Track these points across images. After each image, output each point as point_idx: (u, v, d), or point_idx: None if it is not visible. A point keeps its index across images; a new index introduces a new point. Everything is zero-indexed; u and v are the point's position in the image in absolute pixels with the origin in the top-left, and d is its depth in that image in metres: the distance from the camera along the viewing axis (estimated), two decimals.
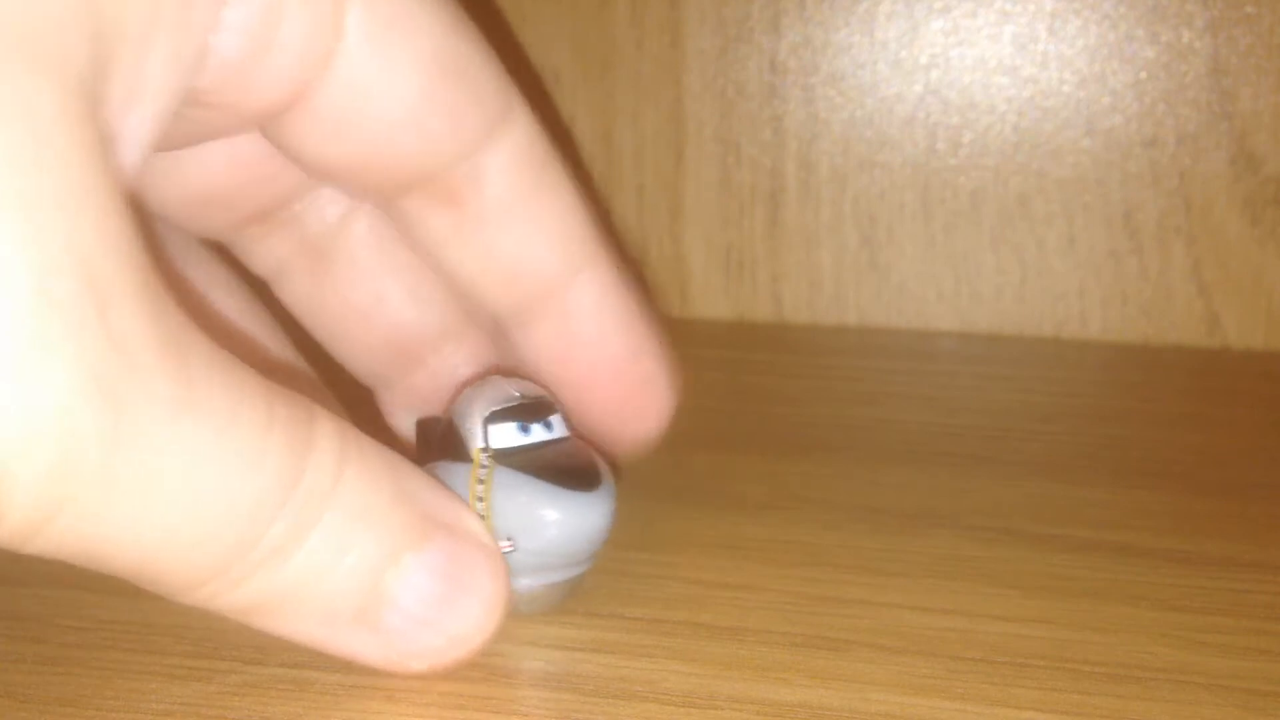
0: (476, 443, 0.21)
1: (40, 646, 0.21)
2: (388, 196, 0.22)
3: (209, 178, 0.22)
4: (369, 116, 0.20)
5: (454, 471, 0.21)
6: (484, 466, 0.21)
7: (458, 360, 0.25)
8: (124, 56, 0.16)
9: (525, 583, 0.21)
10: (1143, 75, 0.39)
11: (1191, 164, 0.39)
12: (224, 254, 0.24)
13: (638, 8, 0.41)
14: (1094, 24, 0.39)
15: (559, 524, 0.20)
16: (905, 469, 0.29)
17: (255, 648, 0.20)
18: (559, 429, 0.22)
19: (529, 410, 0.21)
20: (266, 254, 0.24)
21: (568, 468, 0.21)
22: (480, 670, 0.20)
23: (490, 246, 0.22)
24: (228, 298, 0.23)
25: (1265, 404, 0.35)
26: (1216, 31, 0.38)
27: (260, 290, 0.24)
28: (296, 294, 0.24)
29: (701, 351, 0.40)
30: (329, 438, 0.18)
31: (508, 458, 0.21)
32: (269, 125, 0.20)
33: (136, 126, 0.17)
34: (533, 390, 0.22)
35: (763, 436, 0.32)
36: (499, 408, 0.21)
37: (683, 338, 0.42)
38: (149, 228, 0.22)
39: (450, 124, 0.20)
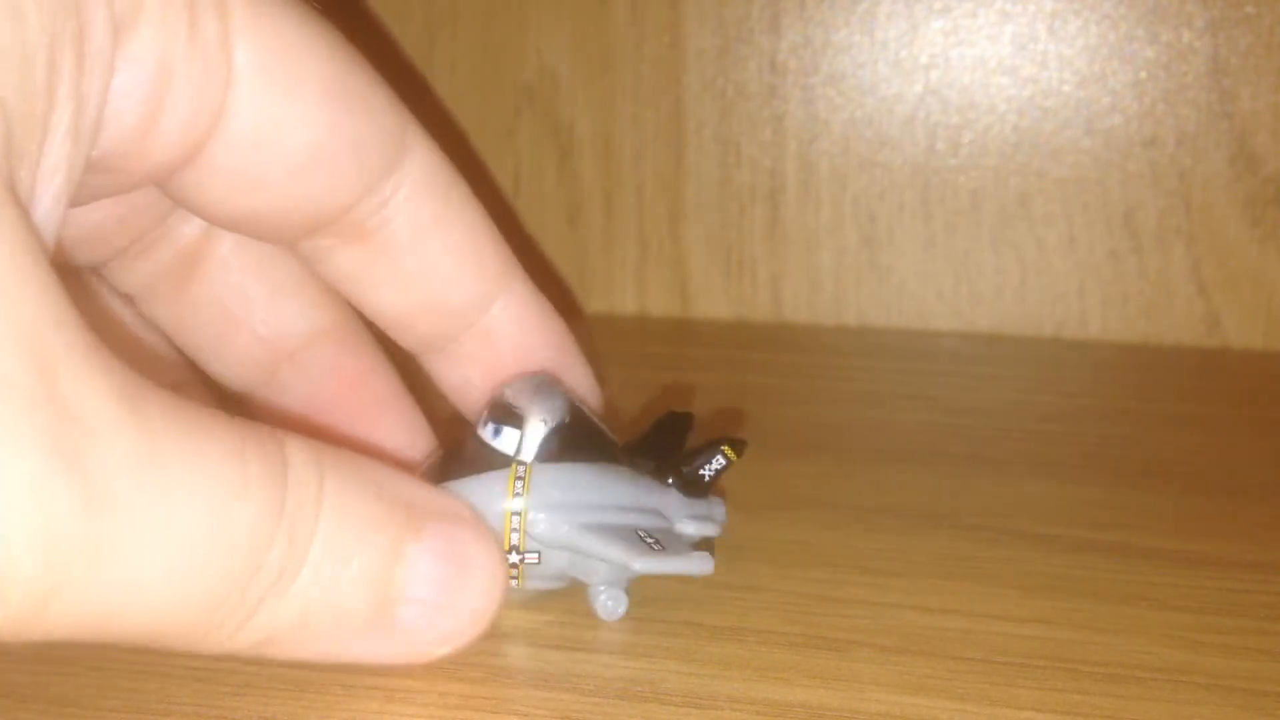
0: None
1: (40, 646, 0.21)
2: (296, 239, 0.21)
3: (94, 220, 0.22)
4: (269, 162, 0.19)
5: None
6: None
7: (331, 358, 0.24)
8: (31, 138, 0.16)
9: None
10: (1143, 75, 0.39)
11: (1191, 164, 0.39)
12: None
13: (638, 8, 0.41)
14: (1094, 24, 0.39)
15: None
16: (905, 469, 0.29)
17: None
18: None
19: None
20: (130, 276, 0.23)
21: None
22: (480, 670, 0.20)
23: (403, 278, 0.22)
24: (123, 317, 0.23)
25: (1265, 404, 0.35)
26: (1216, 31, 0.38)
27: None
28: (162, 310, 0.24)
29: (701, 351, 0.40)
30: (302, 453, 0.18)
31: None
32: (168, 182, 0.20)
33: (49, 203, 0.17)
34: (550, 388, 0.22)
35: (763, 436, 0.32)
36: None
37: (683, 338, 0.42)
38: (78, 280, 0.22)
39: (353, 159, 0.20)
